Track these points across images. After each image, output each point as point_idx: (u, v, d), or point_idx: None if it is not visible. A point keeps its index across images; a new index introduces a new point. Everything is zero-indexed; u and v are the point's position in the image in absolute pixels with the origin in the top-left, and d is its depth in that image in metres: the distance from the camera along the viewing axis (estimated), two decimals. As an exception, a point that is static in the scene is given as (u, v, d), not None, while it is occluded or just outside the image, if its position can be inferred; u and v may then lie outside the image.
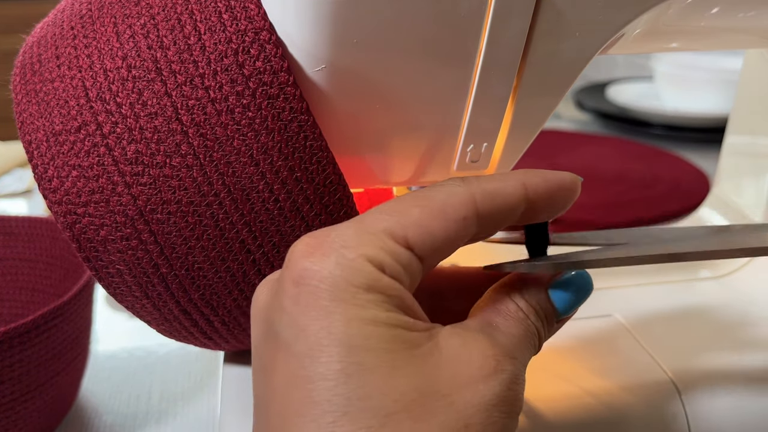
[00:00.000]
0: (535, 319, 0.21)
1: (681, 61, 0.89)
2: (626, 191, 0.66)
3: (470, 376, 0.18)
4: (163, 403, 0.39)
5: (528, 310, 0.21)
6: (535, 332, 0.21)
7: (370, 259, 0.18)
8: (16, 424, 0.33)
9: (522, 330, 0.21)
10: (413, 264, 0.19)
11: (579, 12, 0.22)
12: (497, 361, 0.19)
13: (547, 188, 0.21)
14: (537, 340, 0.21)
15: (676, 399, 0.30)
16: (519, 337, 0.20)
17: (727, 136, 0.43)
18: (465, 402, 0.18)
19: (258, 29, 0.21)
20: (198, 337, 0.26)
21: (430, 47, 0.21)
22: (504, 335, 0.20)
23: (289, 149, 0.22)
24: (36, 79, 0.23)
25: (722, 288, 0.38)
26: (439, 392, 0.18)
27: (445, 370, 0.18)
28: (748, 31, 0.29)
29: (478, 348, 0.19)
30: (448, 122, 0.24)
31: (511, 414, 0.19)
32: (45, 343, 0.32)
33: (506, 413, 0.18)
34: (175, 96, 0.21)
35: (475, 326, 0.20)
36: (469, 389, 0.18)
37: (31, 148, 0.23)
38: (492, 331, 0.20)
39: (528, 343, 0.21)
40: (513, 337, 0.20)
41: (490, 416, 0.18)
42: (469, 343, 0.19)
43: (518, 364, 0.20)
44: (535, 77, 0.23)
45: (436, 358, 0.18)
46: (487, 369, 0.19)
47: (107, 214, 0.22)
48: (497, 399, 0.18)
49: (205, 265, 0.23)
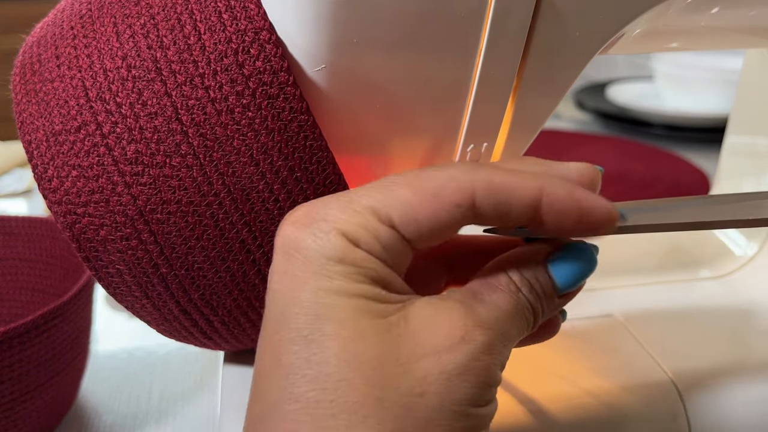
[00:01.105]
0: (529, 292, 0.20)
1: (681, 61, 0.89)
2: (626, 191, 0.66)
3: (434, 345, 0.18)
4: (163, 403, 0.39)
5: (521, 283, 0.20)
6: (528, 307, 0.20)
7: (344, 233, 0.19)
8: (16, 424, 0.33)
9: (510, 303, 0.20)
10: (396, 243, 0.19)
11: (579, 12, 0.22)
12: (465, 331, 0.19)
13: (568, 208, 0.19)
14: (531, 315, 0.21)
15: (676, 399, 0.30)
16: (505, 310, 0.20)
17: (727, 136, 0.43)
18: (423, 370, 0.18)
19: (258, 29, 0.21)
20: (198, 337, 0.26)
21: (430, 47, 0.21)
22: (486, 307, 0.20)
23: (289, 149, 0.22)
24: (36, 79, 0.23)
25: (722, 288, 0.38)
26: (398, 360, 0.18)
27: (408, 339, 0.18)
28: (748, 31, 0.29)
29: (448, 317, 0.19)
30: (448, 122, 0.24)
31: (480, 385, 0.18)
32: (45, 343, 0.32)
33: (473, 384, 0.18)
34: (175, 96, 0.21)
35: (458, 297, 0.20)
36: (430, 358, 0.18)
37: (31, 148, 0.23)
38: (473, 302, 0.20)
39: (516, 317, 0.20)
40: (496, 309, 0.20)
41: (450, 385, 0.18)
42: (441, 312, 0.19)
43: (493, 335, 0.19)
44: (535, 77, 0.23)
45: (402, 327, 0.18)
46: (452, 338, 0.18)
47: (107, 214, 0.22)
48: (460, 369, 0.18)
49: (205, 265, 0.23)
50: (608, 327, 0.34)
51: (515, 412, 0.28)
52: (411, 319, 0.19)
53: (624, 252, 0.42)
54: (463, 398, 0.18)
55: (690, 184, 0.67)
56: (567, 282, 0.21)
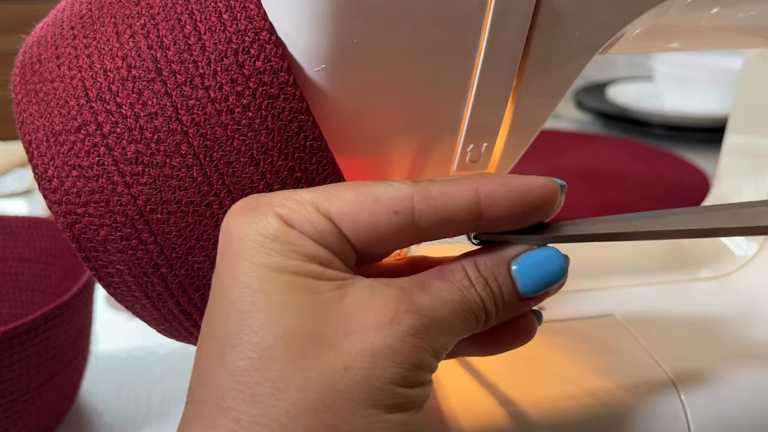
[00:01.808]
0: (483, 290, 0.20)
1: (681, 61, 0.89)
2: (626, 191, 0.66)
3: (363, 324, 0.19)
4: (163, 403, 0.39)
5: (476, 280, 0.21)
6: (479, 304, 0.20)
7: (281, 216, 0.19)
8: (16, 424, 0.33)
9: (457, 297, 0.20)
10: (333, 234, 0.20)
11: (579, 12, 0.22)
12: (395, 313, 0.19)
13: (507, 196, 0.20)
14: (481, 313, 0.21)
15: (676, 399, 0.30)
16: (449, 302, 0.20)
17: (727, 136, 0.43)
18: (349, 345, 0.18)
19: (258, 29, 0.21)
20: (198, 337, 0.26)
21: (430, 47, 0.21)
22: (429, 296, 0.20)
23: (289, 149, 0.22)
24: (36, 79, 0.23)
25: (722, 288, 0.38)
26: (326, 335, 0.18)
27: (339, 315, 0.19)
28: (748, 31, 0.29)
29: (383, 299, 0.19)
30: (448, 122, 0.24)
31: (407, 366, 0.19)
32: (45, 343, 0.32)
33: (398, 364, 0.19)
34: (175, 96, 0.21)
35: (403, 283, 0.20)
36: (357, 335, 0.18)
37: (31, 148, 0.23)
38: (415, 289, 0.20)
39: (462, 312, 0.20)
40: (439, 300, 0.20)
41: (375, 363, 0.18)
42: (378, 294, 0.19)
43: (426, 321, 0.19)
44: (535, 77, 0.23)
45: (334, 304, 0.19)
46: (382, 319, 0.19)
47: (107, 214, 0.22)
48: (387, 349, 0.18)
49: (205, 265, 0.23)
50: (608, 327, 0.34)
51: (515, 412, 0.28)
52: (345, 297, 0.19)
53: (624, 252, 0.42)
54: (389, 377, 0.18)
55: (690, 184, 0.67)
56: (530, 287, 0.21)
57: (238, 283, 0.19)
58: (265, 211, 0.20)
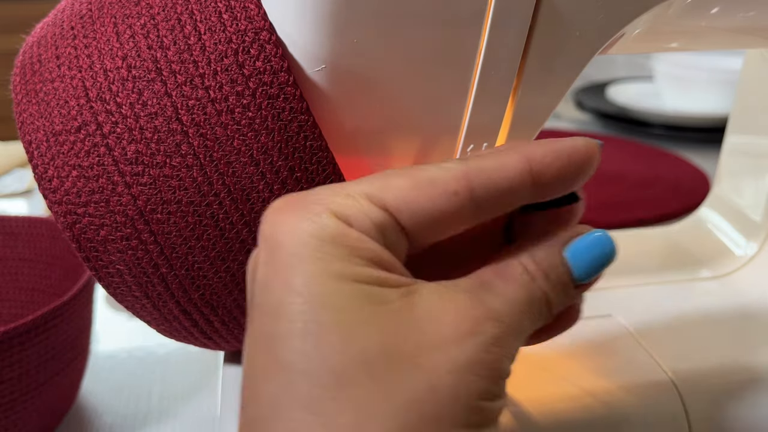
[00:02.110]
0: (544, 283, 0.19)
1: (681, 61, 0.89)
2: (626, 191, 0.66)
3: (442, 337, 0.17)
4: (163, 403, 0.39)
5: (536, 273, 0.19)
6: (543, 298, 0.19)
7: (336, 214, 0.18)
8: (16, 424, 0.33)
9: (523, 294, 0.19)
10: (390, 227, 0.18)
11: (579, 12, 0.22)
12: (474, 322, 0.18)
13: (555, 158, 0.19)
14: (545, 307, 0.19)
15: (676, 399, 0.30)
16: (517, 301, 0.19)
17: (727, 136, 0.43)
18: (433, 363, 0.17)
19: (258, 29, 0.21)
20: (198, 337, 0.26)
21: (430, 47, 0.21)
22: (497, 297, 0.19)
23: (289, 149, 0.22)
24: (36, 79, 0.23)
25: (722, 288, 0.38)
26: (405, 352, 0.17)
27: (414, 328, 0.17)
28: (748, 31, 0.29)
29: (456, 307, 0.18)
30: (448, 122, 0.24)
31: (491, 378, 0.17)
32: (45, 343, 0.32)
33: (483, 377, 0.17)
34: (175, 96, 0.21)
35: (466, 285, 0.19)
36: (439, 350, 0.17)
37: (31, 148, 0.23)
38: (482, 292, 0.19)
39: (530, 308, 0.19)
40: (508, 301, 0.19)
41: (462, 379, 0.17)
42: (448, 302, 0.18)
43: (504, 327, 0.18)
44: (535, 77, 0.23)
45: (406, 315, 0.17)
46: (461, 330, 0.17)
47: (107, 214, 0.22)
48: (471, 362, 0.17)
49: (205, 265, 0.23)
50: (608, 327, 0.34)
51: (515, 412, 0.28)
52: (417, 307, 0.17)
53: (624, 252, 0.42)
54: (475, 392, 0.17)
55: (690, 184, 0.67)
56: (585, 271, 0.20)
57: (297, 299, 0.17)
58: (316, 210, 0.18)
